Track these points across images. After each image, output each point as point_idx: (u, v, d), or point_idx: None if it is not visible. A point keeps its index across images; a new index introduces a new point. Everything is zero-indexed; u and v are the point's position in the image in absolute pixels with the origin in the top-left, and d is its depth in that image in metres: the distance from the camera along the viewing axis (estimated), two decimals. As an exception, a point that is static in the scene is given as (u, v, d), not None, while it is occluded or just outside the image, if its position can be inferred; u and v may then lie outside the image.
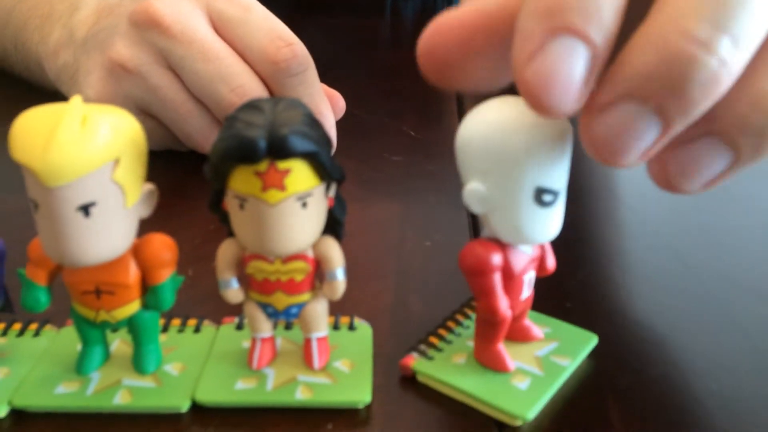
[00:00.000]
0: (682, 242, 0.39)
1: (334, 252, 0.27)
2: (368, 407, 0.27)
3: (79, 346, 0.28)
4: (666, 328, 0.32)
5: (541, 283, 0.28)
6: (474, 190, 0.24)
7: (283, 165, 0.23)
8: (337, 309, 0.29)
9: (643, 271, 0.36)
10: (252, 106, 0.24)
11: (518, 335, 0.29)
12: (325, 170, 0.24)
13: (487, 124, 0.23)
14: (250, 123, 0.23)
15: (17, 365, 0.28)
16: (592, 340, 0.29)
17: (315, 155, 0.24)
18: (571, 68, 0.20)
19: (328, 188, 0.26)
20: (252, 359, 0.28)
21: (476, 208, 0.25)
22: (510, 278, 0.26)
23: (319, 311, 0.28)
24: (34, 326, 0.30)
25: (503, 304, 0.26)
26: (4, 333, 0.30)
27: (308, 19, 0.86)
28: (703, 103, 0.19)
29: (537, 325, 0.30)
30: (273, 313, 0.27)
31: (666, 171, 0.22)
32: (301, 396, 0.26)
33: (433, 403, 0.27)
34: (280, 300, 0.27)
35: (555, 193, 0.24)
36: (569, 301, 0.33)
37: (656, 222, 0.41)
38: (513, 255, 0.26)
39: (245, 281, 0.27)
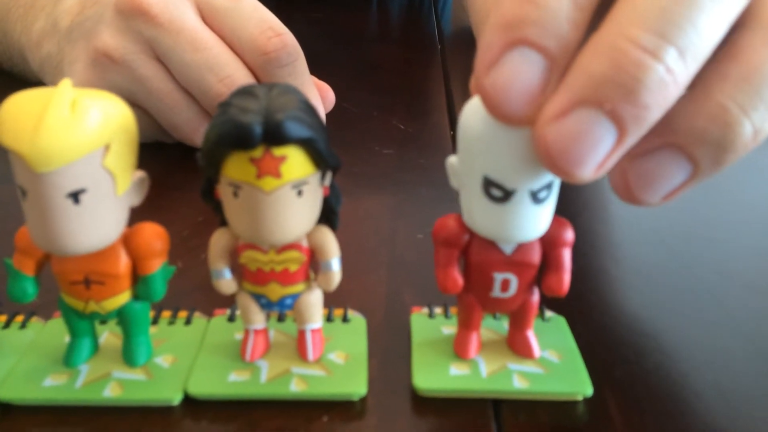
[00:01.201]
0: (672, 235, 0.39)
1: (330, 242, 0.26)
2: (363, 399, 0.26)
3: (66, 338, 0.27)
4: (659, 320, 0.31)
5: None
6: (450, 162, 0.25)
7: (278, 151, 0.23)
8: (329, 301, 0.29)
9: (636, 263, 0.36)
10: (246, 91, 0.24)
11: (516, 346, 0.28)
12: (321, 157, 0.24)
13: (471, 102, 0.24)
14: (245, 108, 0.23)
15: (3, 358, 0.27)
16: (582, 389, 0.26)
17: (311, 141, 0.23)
18: (527, 77, 0.21)
19: (323, 176, 0.25)
20: (245, 351, 0.27)
21: (451, 180, 0.25)
22: (470, 266, 0.26)
23: (313, 302, 0.27)
24: (20, 318, 0.30)
25: (448, 280, 0.26)
26: (-11, 325, 0.29)
27: (293, 12, 0.85)
28: (654, 110, 0.20)
29: (551, 350, 0.28)
30: (267, 304, 0.27)
31: (626, 182, 0.23)
32: (296, 388, 0.26)
33: (430, 396, 0.27)
34: (274, 291, 0.26)
35: (505, 191, 0.23)
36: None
37: (647, 214, 0.41)
38: (479, 244, 0.26)
39: (238, 271, 0.27)
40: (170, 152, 0.46)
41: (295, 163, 0.23)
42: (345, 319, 0.30)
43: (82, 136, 0.22)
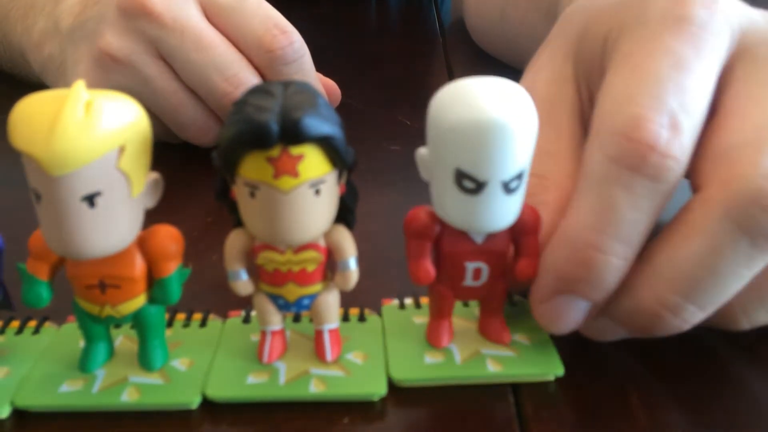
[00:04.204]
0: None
1: (347, 241, 0.26)
2: (384, 399, 0.26)
3: (81, 343, 0.27)
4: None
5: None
6: (420, 154, 0.25)
7: (296, 150, 0.23)
8: (344, 299, 0.28)
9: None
10: (261, 89, 0.24)
11: (488, 332, 0.28)
12: (338, 155, 0.23)
13: (440, 94, 0.24)
14: (261, 107, 0.22)
15: (17, 364, 0.27)
16: (554, 369, 0.27)
17: (329, 140, 0.23)
18: (572, 315, 0.26)
19: (340, 175, 0.25)
20: (262, 353, 0.27)
21: (422, 172, 0.25)
22: (442, 257, 0.26)
23: (330, 302, 0.27)
24: (33, 323, 0.29)
25: (420, 271, 0.26)
26: (2, 331, 0.29)
27: (292, 8, 0.85)
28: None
29: (520, 334, 0.28)
30: (284, 305, 0.27)
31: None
32: (315, 389, 0.26)
33: (451, 392, 0.26)
34: (292, 291, 0.26)
35: (477, 183, 0.23)
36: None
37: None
38: (450, 235, 0.26)
39: (254, 272, 0.26)
40: (176, 152, 0.46)
41: (313, 161, 0.23)
42: (361, 319, 0.30)
43: (97, 138, 0.22)
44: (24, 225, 0.26)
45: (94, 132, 0.21)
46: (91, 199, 0.22)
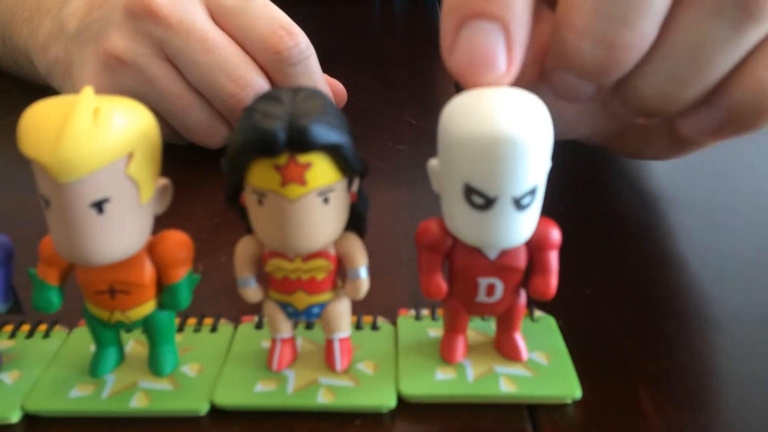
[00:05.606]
0: (696, 226, 0.38)
1: (358, 250, 0.26)
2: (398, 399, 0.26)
3: (92, 348, 0.27)
4: (690, 312, 0.31)
5: (560, 270, 0.27)
6: (431, 165, 0.24)
7: (303, 158, 0.22)
8: (354, 303, 0.28)
9: (658, 251, 0.36)
10: (270, 96, 0.23)
11: (503, 349, 0.28)
12: (347, 164, 0.23)
13: (451, 103, 0.23)
14: (269, 114, 0.22)
15: (28, 368, 0.27)
16: (571, 391, 0.26)
17: (337, 148, 0.23)
18: (483, 44, 0.23)
19: (350, 183, 0.25)
20: (272, 361, 0.27)
21: (433, 184, 0.25)
22: (454, 271, 0.26)
23: (341, 311, 0.27)
24: (43, 327, 0.29)
25: (431, 285, 0.26)
26: (13, 335, 0.29)
27: (295, 9, 0.84)
28: None
29: (539, 352, 0.28)
30: (293, 313, 0.27)
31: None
32: (323, 399, 0.26)
33: (465, 406, 0.26)
34: (301, 299, 0.26)
35: (487, 199, 0.22)
36: (588, 287, 0.32)
37: (665, 205, 0.40)
38: (463, 249, 0.25)
39: (264, 280, 0.26)
40: (183, 154, 0.46)
41: (321, 170, 0.23)
42: (374, 327, 0.29)
43: (105, 144, 0.21)
44: (34, 229, 0.26)
45: (102, 139, 0.21)
46: (99, 206, 0.22)
